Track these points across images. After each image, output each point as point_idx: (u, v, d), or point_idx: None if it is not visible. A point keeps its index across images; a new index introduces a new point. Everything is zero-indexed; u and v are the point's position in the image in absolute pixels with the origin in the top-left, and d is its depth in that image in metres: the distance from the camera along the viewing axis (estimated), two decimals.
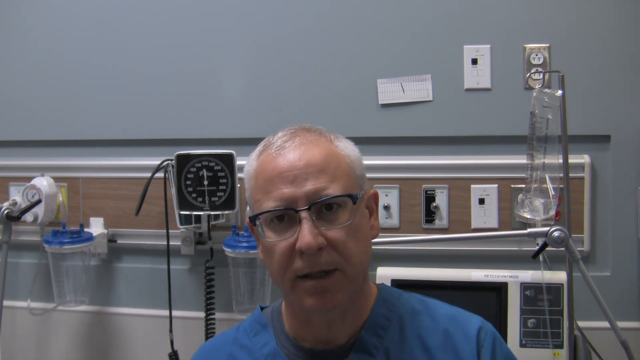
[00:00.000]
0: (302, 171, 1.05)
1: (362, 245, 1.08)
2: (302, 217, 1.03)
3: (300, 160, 1.06)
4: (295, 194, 1.04)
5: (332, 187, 1.05)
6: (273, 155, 1.08)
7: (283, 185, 1.05)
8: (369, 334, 1.12)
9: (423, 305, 1.18)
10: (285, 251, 1.05)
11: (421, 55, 2.00)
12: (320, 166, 1.06)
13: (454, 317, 1.16)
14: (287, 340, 1.15)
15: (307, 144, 1.08)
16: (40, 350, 2.27)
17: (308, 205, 1.04)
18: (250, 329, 1.19)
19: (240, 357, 1.17)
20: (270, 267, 1.09)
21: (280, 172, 1.06)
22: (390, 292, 1.19)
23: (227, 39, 2.09)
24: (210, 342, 1.27)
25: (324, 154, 1.08)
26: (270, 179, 1.06)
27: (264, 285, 1.98)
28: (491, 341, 1.13)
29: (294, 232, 1.04)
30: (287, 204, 1.04)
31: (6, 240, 2.02)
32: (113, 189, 2.18)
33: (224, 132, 2.11)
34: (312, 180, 1.05)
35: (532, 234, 1.66)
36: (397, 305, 1.16)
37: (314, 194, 1.04)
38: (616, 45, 1.90)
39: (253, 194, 1.11)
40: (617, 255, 1.94)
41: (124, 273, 2.22)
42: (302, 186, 1.04)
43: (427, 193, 2.00)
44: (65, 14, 2.18)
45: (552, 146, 1.74)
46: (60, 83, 2.20)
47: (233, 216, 2.08)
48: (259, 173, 1.09)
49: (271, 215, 1.06)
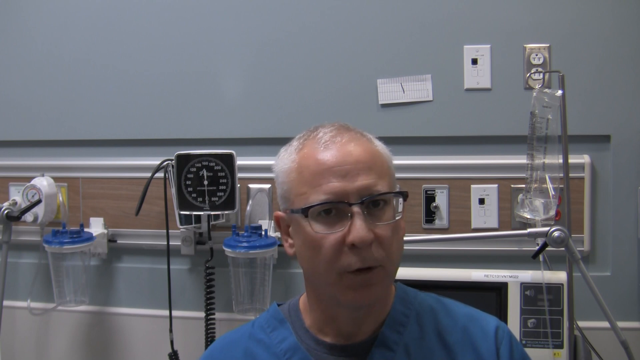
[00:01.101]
0: (354, 167, 1.07)
1: (400, 244, 1.12)
2: (354, 211, 1.05)
3: (351, 156, 1.08)
4: (348, 188, 1.06)
5: (381, 183, 1.08)
6: (320, 149, 1.09)
7: (334, 179, 1.06)
8: (389, 330, 1.14)
9: (440, 303, 1.20)
10: (335, 244, 1.05)
11: (421, 55, 2.00)
12: (369, 163, 1.08)
13: (471, 316, 1.19)
14: (306, 335, 1.16)
15: (356, 141, 1.10)
16: (40, 350, 2.27)
17: (360, 200, 1.05)
18: (266, 324, 1.19)
19: (258, 352, 1.16)
20: (313, 261, 1.09)
21: (331, 166, 1.07)
22: (407, 290, 1.21)
23: (227, 39, 2.09)
24: (225, 337, 1.25)
25: (371, 153, 1.10)
26: (319, 172, 1.07)
27: (264, 285, 1.98)
28: (509, 339, 1.17)
29: (343, 226, 1.05)
30: (339, 197, 1.06)
31: (6, 240, 2.02)
32: (113, 189, 2.18)
33: (224, 132, 2.11)
34: (364, 175, 1.07)
35: (532, 234, 1.66)
36: (414, 303, 1.19)
37: (365, 189, 1.06)
38: (616, 46, 1.90)
39: (296, 188, 1.10)
40: (617, 255, 1.94)
41: (124, 273, 2.22)
42: (354, 181, 1.06)
43: (427, 193, 2.00)
44: (65, 14, 2.18)
45: (552, 146, 1.74)
46: (60, 83, 2.20)
47: (233, 216, 2.08)
48: (304, 167, 1.10)
49: (320, 209, 1.07)
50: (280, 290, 2.08)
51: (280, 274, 2.09)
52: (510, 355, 1.15)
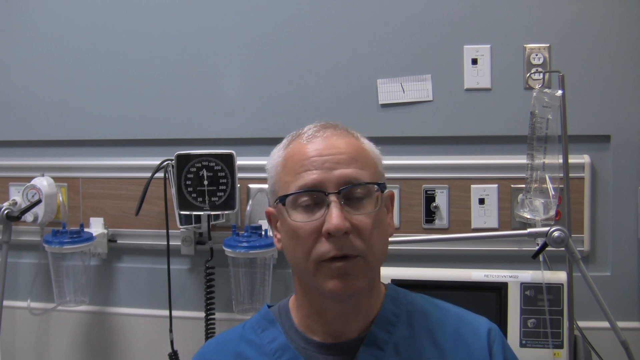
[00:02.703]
0: (334, 157, 1.09)
1: (383, 237, 1.12)
2: (331, 200, 1.07)
3: (332, 148, 1.10)
4: (326, 178, 1.08)
5: (361, 174, 1.09)
6: (304, 142, 1.12)
7: (313, 169, 1.09)
8: (379, 329, 1.15)
9: (430, 304, 1.21)
10: (311, 233, 1.07)
11: (421, 55, 2.00)
12: (350, 154, 1.11)
13: (462, 316, 1.20)
14: (296, 335, 1.17)
15: (338, 136, 1.13)
16: (40, 350, 2.27)
17: (338, 190, 1.07)
18: (257, 325, 1.21)
19: (248, 353, 1.17)
20: (294, 251, 1.11)
21: (312, 156, 1.10)
22: (397, 290, 1.22)
23: (227, 39, 2.09)
24: (216, 338, 1.27)
25: (354, 146, 1.13)
26: (300, 161, 1.10)
27: (264, 285, 1.98)
28: (501, 340, 1.18)
29: (321, 215, 1.07)
30: (317, 186, 1.07)
31: (6, 240, 2.02)
32: (113, 189, 2.18)
33: (224, 132, 2.11)
34: (343, 166, 1.09)
35: (532, 234, 1.66)
36: (404, 303, 1.19)
37: (343, 179, 1.08)
38: (616, 46, 1.90)
39: (280, 178, 1.13)
40: (617, 255, 1.94)
41: (124, 273, 2.22)
42: (332, 171, 1.08)
43: (427, 193, 2.00)
44: (65, 14, 2.18)
45: (552, 146, 1.74)
46: (60, 83, 2.20)
47: (233, 216, 2.08)
48: (287, 159, 1.13)
49: (299, 197, 1.08)
50: (280, 290, 2.08)
51: (280, 274, 2.09)
52: (504, 356, 1.16)
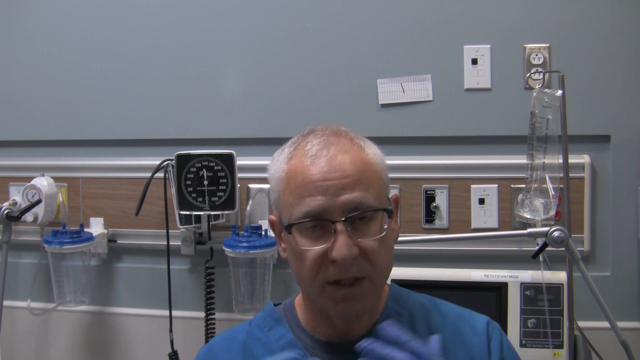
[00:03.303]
0: (338, 182, 1.06)
1: (390, 253, 1.12)
2: (338, 229, 1.05)
3: (336, 171, 1.06)
4: (331, 205, 1.05)
5: (367, 197, 1.07)
6: (307, 163, 1.09)
7: (318, 194, 1.06)
8: None
9: (431, 303, 1.22)
10: (317, 258, 1.06)
11: (421, 55, 2.00)
12: (354, 177, 1.07)
13: (461, 314, 1.21)
14: (302, 333, 1.17)
15: (342, 154, 1.09)
16: (40, 350, 2.27)
17: (344, 217, 1.05)
18: (263, 323, 1.20)
19: (256, 349, 1.17)
20: (299, 270, 1.10)
21: (315, 180, 1.06)
22: (400, 290, 1.23)
23: (227, 39, 2.09)
24: (223, 335, 1.26)
25: (358, 164, 1.09)
26: (304, 185, 1.07)
27: (264, 285, 1.98)
28: (499, 334, 1.19)
29: (327, 240, 1.05)
30: (322, 214, 1.05)
31: (6, 240, 2.02)
32: (113, 189, 2.18)
33: (224, 132, 2.11)
34: (348, 191, 1.06)
35: (532, 234, 1.66)
36: (407, 302, 1.20)
37: (349, 205, 1.05)
38: (616, 46, 1.90)
39: (284, 197, 1.11)
40: (617, 255, 1.94)
41: (124, 273, 2.22)
42: (337, 197, 1.05)
43: (427, 193, 2.00)
44: (65, 15, 2.18)
45: (552, 146, 1.74)
46: (60, 83, 2.20)
47: (233, 216, 2.08)
48: (290, 178, 1.10)
49: (304, 224, 1.07)
50: (280, 290, 2.08)
51: (280, 274, 2.09)
52: (500, 350, 1.17)
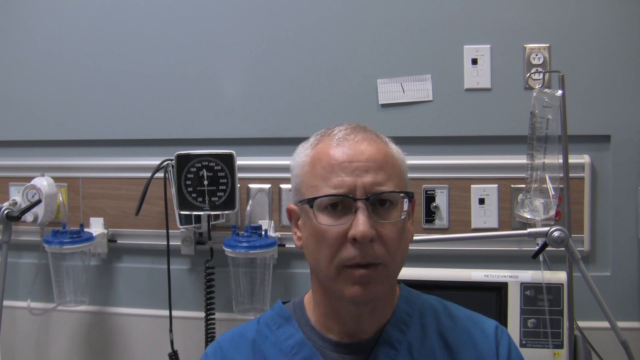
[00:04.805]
0: (364, 164, 1.09)
1: (405, 245, 1.13)
2: (358, 206, 1.07)
3: (362, 154, 1.10)
4: (355, 184, 1.07)
5: (389, 183, 1.10)
6: (334, 145, 1.12)
7: (344, 174, 1.08)
8: (393, 329, 1.16)
9: (442, 305, 1.23)
10: (337, 237, 1.07)
11: (421, 55, 2.00)
12: (379, 162, 1.10)
13: (472, 318, 1.22)
14: (312, 332, 1.17)
15: (369, 141, 1.13)
16: (40, 350, 2.27)
17: (366, 196, 1.07)
18: (272, 322, 1.20)
19: (265, 347, 1.17)
20: (316, 253, 1.11)
21: (342, 161, 1.09)
22: (410, 291, 1.24)
23: (227, 39, 2.09)
24: (231, 332, 1.25)
25: (383, 153, 1.12)
26: (330, 166, 1.10)
27: (264, 285, 1.98)
28: (507, 339, 1.20)
29: (347, 220, 1.07)
30: (346, 191, 1.07)
31: (6, 240, 2.02)
32: (113, 189, 2.18)
33: (224, 132, 2.11)
34: (372, 173, 1.09)
35: (532, 234, 1.66)
36: (417, 304, 1.21)
37: (372, 186, 1.08)
38: (616, 46, 1.90)
39: (307, 180, 1.13)
40: (617, 255, 1.94)
41: (124, 273, 2.22)
42: (361, 177, 1.08)
43: (427, 193, 2.00)
44: (65, 15, 2.18)
45: (552, 146, 1.74)
46: (60, 83, 2.20)
47: (233, 216, 2.08)
48: (316, 160, 1.12)
49: (328, 201, 1.08)
50: (280, 290, 2.08)
51: (280, 274, 2.09)
52: (509, 354, 1.18)
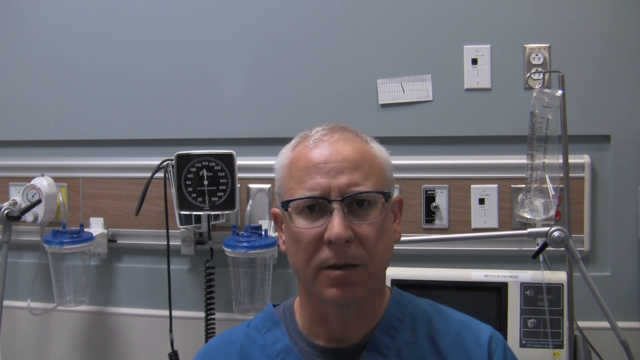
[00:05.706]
0: (339, 165, 1.08)
1: (386, 245, 1.11)
2: (333, 208, 1.06)
3: (337, 155, 1.09)
4: (330, 185, 1.06)
5: (366, 183, 1.08)
6: (310, 146, 1.11)
7: (318, 176, 1.07)
8: (382, 335, 1.13)
9: (434, 309, 1.20)
10: (313, 239, 1.06)
11: (421, 55, 2.00)
12: (356, 162, 1.09)
13: (465, 323, 1.18)
14: (299, 338, 1.16)
15: (345, 140, 1.11)
16: (40, 350, 2.27)
17: (341, 197, 1.06)
18: (261, 325, 1.19)
19: (253, 352, 1.16)
20: (295, 256, 1.10)
21: (317, 163, 1.08)
22: (402, 295, 1.21)
23: (227, 39, 2.09)
24: (220, 337, 1.25)
25: (360, 152, 1.11)
26: (305, 168, 1.09)
27: (264, 285, 1.98)
28: (502, 349, 1.16)
29: (324, 222, 1.06)
30: (320, 193, 1.07)
31: (6, 240, 2.02)
32: (113, 189, 2.18)
33: (224, 132, 2.11)
34: (347, 174, 1.07)
35: (532, 234, 1.66)
36: (409, 308, 1.18)
37: (347, 187, 1.07)
38: (616, 46, 1.90)
39: (285, 183, 1.12)
40: (617, 255, 1.94)
41: (124, 273, 2.22)
42: (336, 178, 1.07)
43: (427, 193, 2.00)
44: (65, 15, 2.18)
45: (552, 146, 1.74)
46: (60, 83, 2.20)
47: (233, 216, 2.08)
48: (293, 163, 1.12)
49: (303, 204, 1.08)
50: (280, 290, 2.08)
51: (280, 274, 2.09)
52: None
